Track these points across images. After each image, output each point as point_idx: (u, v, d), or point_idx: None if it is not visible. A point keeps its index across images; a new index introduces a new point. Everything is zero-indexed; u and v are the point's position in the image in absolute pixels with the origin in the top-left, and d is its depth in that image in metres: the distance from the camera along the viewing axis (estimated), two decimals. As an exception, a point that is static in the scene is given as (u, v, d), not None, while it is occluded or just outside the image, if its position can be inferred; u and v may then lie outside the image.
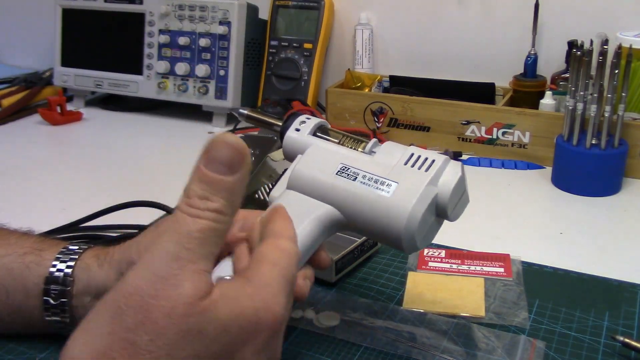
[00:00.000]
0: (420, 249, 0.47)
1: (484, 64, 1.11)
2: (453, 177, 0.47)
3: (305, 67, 1.14)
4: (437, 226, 0.49)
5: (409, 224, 0.44)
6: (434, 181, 0.46)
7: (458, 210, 0.48)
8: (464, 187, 0.48)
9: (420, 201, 0.45)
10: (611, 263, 0.66)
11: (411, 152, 0.48)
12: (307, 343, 0.53)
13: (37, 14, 1.52)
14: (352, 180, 0.47)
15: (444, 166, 0.47)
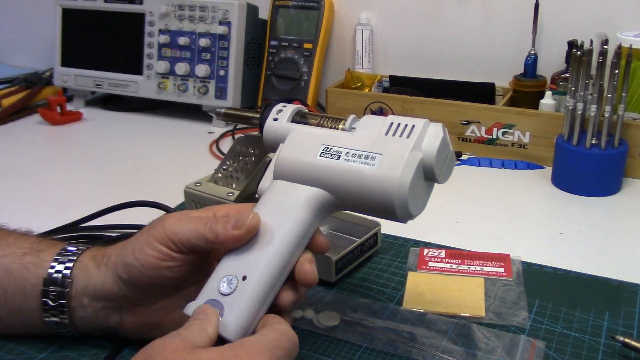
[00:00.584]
0: (417, 215, 0.48)
1: (484, 64, 1.11)
2: (435, 139, 0.46)
3: (305, 67, 1.14)
4: (428, 190, 0.49)
5: (399, 192, 0.45)
6: (417, 146, 0.46)
7: (446, 171, 0.48)
8: (448, 148, 0.48)
9: (406, 168, 0.45)
10: (611, 263, 0.66)
11: (390, 121, 0.48)
12: (307, 343, 0.53)
13: (37, 14, 1.52)
14: (336, 160, 0.47)
15: (425, 129, 0.47)
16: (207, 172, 0.74)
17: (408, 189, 0.45)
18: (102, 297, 0.49)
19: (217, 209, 0.49)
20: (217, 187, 0.71)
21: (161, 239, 0.46)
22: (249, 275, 0.45)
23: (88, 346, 0.52)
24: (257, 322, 0.45)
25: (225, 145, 1.03)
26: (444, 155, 0.47)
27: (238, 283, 0.45)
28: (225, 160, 0.74)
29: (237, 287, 0.45)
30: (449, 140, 0.48)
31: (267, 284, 0.45)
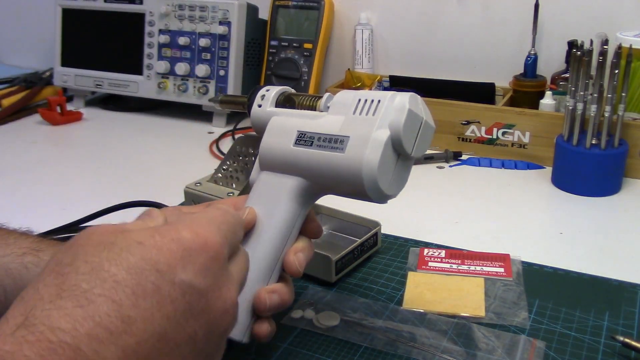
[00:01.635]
0: (394, 194, 0.46)
1: (484, 64, 1.11)
2: (401, 112, 0.44)
3: (305, 67, 1.14)
4: (405, 166, 0.46)
5: (368, 175, 0.43)
6: (383, 123, 0.44)
7: (421, 144, 0.45)
8: (419, 119, 0.45)
9: (372, 148, 0.43)
10: (611, 263, 0.66)
11: (358, 97, 0.46)
12: (307, 343, 0.53)
13: (37, 14, 1.52)
14: (309, 147, 0.46)
15: (391, 104, 0.44)
16: (207, 172, 0.74)
17: (377, 170, 0.43)
18: None
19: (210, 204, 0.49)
20: (217, 187, 0.71)
21: None
22: None
23: None
24: (254, 318, 0.45)
25: (225, 145, 1.03)
26: (413, 129, 0.45)
27: None
28: (225, 160, 0.74)
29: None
30: (419, 111, 0.45)
31: (260, 278, 0.45)
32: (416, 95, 0.45)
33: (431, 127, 0.46)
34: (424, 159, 0.95)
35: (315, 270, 0.62)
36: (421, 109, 0.45)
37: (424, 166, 0.94)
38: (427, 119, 0.45)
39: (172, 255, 0.31)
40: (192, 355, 0.31)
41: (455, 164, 0.94)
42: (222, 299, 0.33)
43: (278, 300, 0.45)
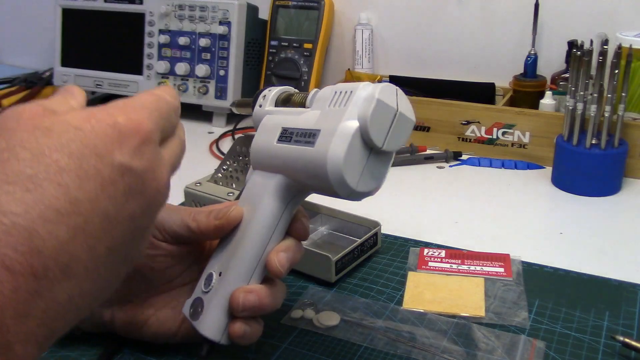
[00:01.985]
0: (368, 192, 0.43)
1: (484, 64, 1.11)
2: (369, 102, 0.41)
3: (305, 67, 1.14)
4: (380, 162, 0.43)
5: (333, 168, 0.41)
6: (351, 114, 0.41)
7: (394, 137, 0.42)
8: (391, 109, 0.42)
9: (338, 141, 0.41)
10: (611, 263, 0.66)
11: (335, 90, 0.44)
12: (307, 343, 0.53)
13: (37, 14, 1.52)
14: (287, 143, 0.45)
15: (361, 94, 0.41)
16: (207, 172, 0.74)
17: (342, 164, 0.40)
18: None
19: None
20: (217, 187, 0.71)
21: (165, 235, 0.47)
22: (223, 271, 0.46)
23: (88, 346, 0.52)
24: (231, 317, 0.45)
25: (225, 145, 1.03)
26: (384, 120, 0.41)
27: (215, 280, 0.46)
28: (225, 160, 0.74)
29: (214, 284, 0.46)
30: (392, 102, 0.42)
31: (241, 278, 0.45)
32: (391, 86, 0.42)
33: (408, 120, 0.43)
34: (424, 158, 0.95)
35: (315, 270, 0.62)
36: (395, 100, 0.42)
37: (424, 166, 0.94)
38: (402, 111, 0.42)
39: (110, 140, 0.32)
40: (131, 231, 0.33)
41: (455, 164, 0.94)
42: (156, 180, 0.34)
43: (255, 301, 0.44)
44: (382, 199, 0.83)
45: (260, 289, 0.45)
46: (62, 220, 0.29)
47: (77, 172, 0.30)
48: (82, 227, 0.30)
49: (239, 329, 0.45)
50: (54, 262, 0.29)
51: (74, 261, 0.30)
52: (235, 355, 0.51)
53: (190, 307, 0.47)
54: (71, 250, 0.30)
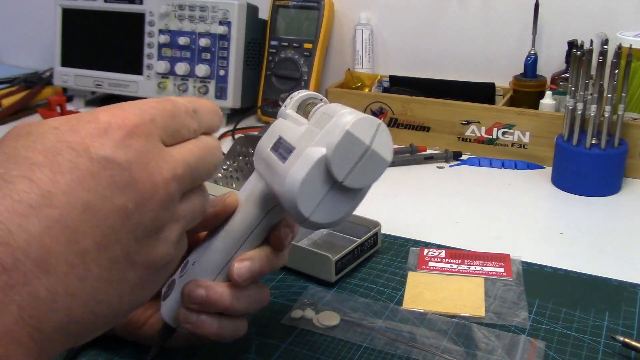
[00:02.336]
0: (325, 224, 0.40)
1: (484, 64, 1.11)
2: (339, 132, 0.38)
3: (305, 67, 1.14)
4: (343, 196, 0.40)
5: (288, 191, 0.39)
6: (321, 140, 0.39)
7: (362, 174, 0.39)
8: (362, 145, 0.39)
9: (300, 166, 0.39)
10: (611, 263, 0.66)
11: (323, 110, 0.42)
12: (307, 343, 0.53)
13: (37, 14, 1.52)
14: (275, 152, 0.44)
15: (337, 121, 0.39)
16: (207, 172, 0.74)
17: (298, 189, 0.38)
18: None
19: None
20: (217, 187, 0.71)
21: None
22: (196, 261, 0.45)
23: (88, 346, 0.52)
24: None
25: (225, 145, 1.03)
26: (350, 154, 0.39)
27: (188, 268, 0.46)
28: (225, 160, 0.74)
29: (186, 271, 0.46)
30: (366, 137, 0.39)
31: (206, 273, 0.45)
32: (373, 120, 0.39)
33: (381, 159, 0.39)
34: (424, 158, 0.95)
35: (315, 270, 0.62)
36: (372, 136, 0.39)
37: (424, 166, 0.94)
38: (376, 149, 0.39)
39: (88, 134, 0.32)
40: (127, 228, 0.32)
41: (455, 164, 0.94)
42: (149, 173, 0.33)
43: (201, 296, 0.43)
44: (382, 199, 0.83)
45: (215, 286, 0.44)
46: (33, 213, 0.29)
47: (50, 167, 0.30)
48: (57, 218, 0.29)
49: (183, 315, 0.44)
50: (25, 254, 0.28)
51: (51, 255, 0.29)
52: (235, 356, 0.51)
53: (165, 287, 0.47)
54: (46, 243, 0.29)
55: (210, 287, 0.43)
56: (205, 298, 0.43)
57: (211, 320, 0.44)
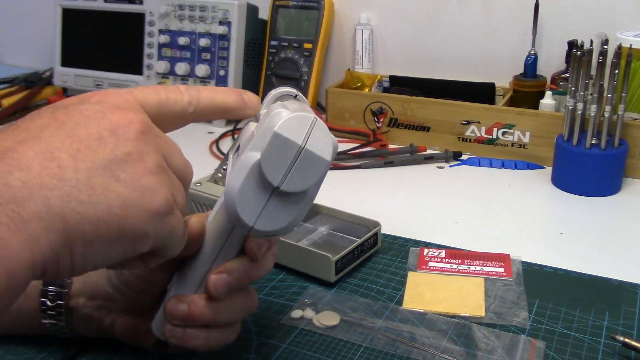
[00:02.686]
0: (275, 232, 0.39)
1: (484, 64, 1.11)
2: (268, 134, 0.36)
3: (305, 67, 1.14)
4: (288, 201, 0.38)
5: (228, 200, 0.38)
6: (256, 145, 0.37)
7: (298, 176, 0.37)
8: (293, 146, 0.37)
9: (236, 173, 0.37)
10: (611, 263, 0.66)
11: (271, 109, 0.40)
12: (307, 343, 0.53)
13: (37, 14, 1.52)
14: (232, 158, 0.43)
15: (269, 122, 0.37)
16: (207, 172, 0.74)
17: (236, 199, 0.37)
18: (97, 297, 0.49)
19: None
20: (217, 187, 0.71)
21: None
22: (179, 273, 0.45)
23: (88, 346, 0.52)
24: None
25: (225, 145, 1.03)
26: (281, 157, 0.37)
27: (173, 282, 0.46)
28: (225, 160, 0.74)
29: (171, 286, 0.46)
30: (297, 137, 0.37)
31: (187, 286, 0.44)
32: (306, 117, 0.37)
33: (318, 159, 0.37)
34: (424, 158, 0.95)
35: (315, 270, 0.62)
36: (305, 135, 0.37)
37: (424, 166, 0.94)
38: (311, 148, 0.37)
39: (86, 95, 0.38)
40: (104, 149, 0.34)
41: (455, 164, 0.94)
42: (115, 104, 0.37)
43: (182, 312, 0.43)
44: (382, 199, 0.83)
45: (196, 300, 0.43)
46: (9, 133, 0.34)
47: (25, 121, 0.35)
48: (34, 135, 0.34)
49: (169, 330, 0.44)
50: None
51: (22, 158, 0.32)
52: (235, 356, 0.51)
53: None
54: (19, 150, 0.33)
55: (192, 302, 0.43)
56: (188, 313, 0.43)
57: (197, 333, 0.44)
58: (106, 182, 0.33)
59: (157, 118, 0.40)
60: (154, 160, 0.36)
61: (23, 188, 0.31)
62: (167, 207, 0.36)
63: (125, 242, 0.34)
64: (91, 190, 0.33)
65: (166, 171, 0.37)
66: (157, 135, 0.38)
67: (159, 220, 0.35)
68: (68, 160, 0.33)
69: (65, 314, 0.49)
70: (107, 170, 0.34)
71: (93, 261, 0.34)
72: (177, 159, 0.39)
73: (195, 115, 0.43)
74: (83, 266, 0.34)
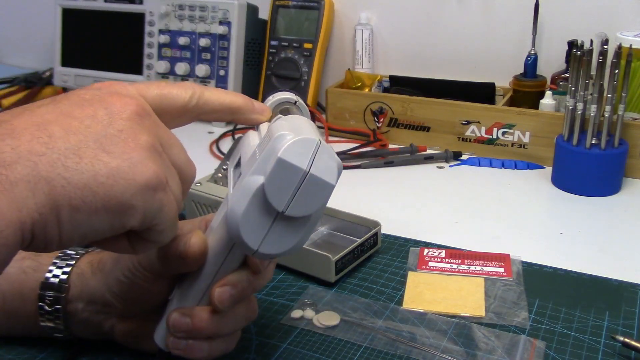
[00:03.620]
0: (280, 254, 0.39)
1: (484, 64, 1.11)
2: (272, 159, 0.36)
3: (305, 67, 1.14)
4: (291, 225, 0.38)
5: (231, 224, 0.38)
6: (259, 168, 0.37)
7: (303, 201, 0.37)
8: (297, 171, 0.36)
9: (239, 197, 0.37)
10: (611, 263, 0.66)
11: (272, 127, 0.39)
12: (307, 343, 0.53)
13: (37, 14, 1.52)
14: (233, 172, 0.43)
15: (273, 145, 0.36)
16: (207, 172, 0.74)
17: (239, 223, 0.37)
18: (95, 302, 0.49)
19: (208, 219, 0.49)
20: (217, 187, 0.71)
21: (147, 264, 0.45)
22: (179, 286, 0.45)
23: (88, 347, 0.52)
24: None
25: (225, 145, 1.03)
26: (286, 182, 0.36)
27: (174, 294, 0.46)
28: (225, 160, 0.74)
29: (173, 297, 0.46)
30: (302, 161, 0.36)
31: (189, 298, 0.44)
32: (310, 141, 0.36)
33: (323, 184, 0.36)
34: (424, 158, 0.95)
35: (315, 270, 0.62)
36: (309, 159, 0.36)
37: (424, 166, 0.94)
38: (316, 173, 0.36)
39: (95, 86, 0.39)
40: (97, 125, 0.35)
41: (455, 164, 0.94)
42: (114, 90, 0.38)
43: (186, 325, 0.43)
44: (382, 199, 0.83)
45: (199, 313, 0.43)
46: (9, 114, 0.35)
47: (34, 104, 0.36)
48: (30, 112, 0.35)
49: (172, 343, 0.44)
50: None
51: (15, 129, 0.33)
52: (235, 356, 0.51)
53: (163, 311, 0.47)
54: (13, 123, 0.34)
55: (195, 315, 0.43)
56: (192, 326, 0.43)
57: (200, 344, 0.44)
58: (95, 153, 0.34)
59: (159, 110, 0.40)
60: (147, 139, 0.36)
61: (12, 153, 0.32)
62: (157, 182, 0.35)
63: (112, 213, 0.34)
64: (78, 159, 0.33)
65: (160, 154, 0.37)
66: (156, 123, 0.38)
67: (148, 194, 0.35)
68: (59, 132, 0.34)
69: (64, 317, 0.49)
70: (97, 143, 0.34)
71: (80, 230, 0.34)
72: (178, 153, 0.39)
73: (198, 110, 0.43)
74: (70, 235, 0.34)
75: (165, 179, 0.36)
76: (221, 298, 0.43)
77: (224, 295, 0.43)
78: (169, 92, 0.41)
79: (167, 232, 0.38)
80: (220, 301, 0.43)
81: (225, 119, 0.45)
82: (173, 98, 0.41)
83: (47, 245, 0.34)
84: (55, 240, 0.34)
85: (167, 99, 0.41)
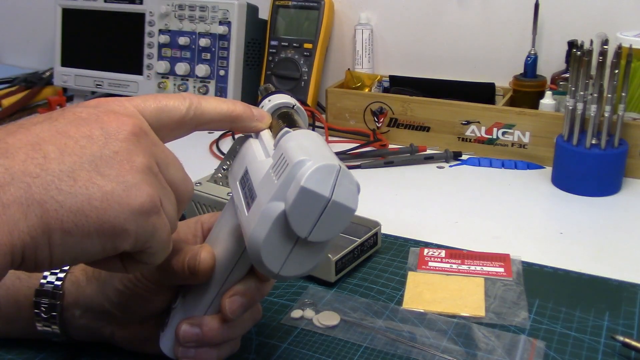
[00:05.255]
0: (299, 276, 0.40)
1: (484, 64, 1.11)
2: (294, 187, 0.36)
3: (305, 67, 1.14)
4: (310, 249, 0.38)
5: (252, 250, 0.38)
6: (279, 194, 0.37)
7: (325, 227, 0.37)
8: (321, 199, 0.36)
9: (260, 223, 0.37)
10: (611, 263, 0.66)
11: (281, 152, 0.39)
12: (307, 343, 0.53)
13: (37, 14, 1.52)
14: (241, 188, 0.43)
15: (295, 171, 0.36)
16: (207, 172, 0.74)
17: (261, 249, 0.37)
18: (93, 310, 0.48)
19: (203, 220, 0.49)
20: (217, 187, 0.71)
21: (149, 275, 0.45)
22: (186, 294, 0.45)
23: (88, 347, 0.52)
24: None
25: (225, 145, 1.03)
26: (309, 210, 0.36)
27: (179, 300, 0.46)
28: (225, 160, 0.74)
29: (177, 304, 0.46)
30: (324, 189, 0.36)
31: (197, 307, 0.44)
32: (331, 167, 0.36)
33: (345, 209, 0.37)
34: (424, 158, 0.95)
35: (315, 270, 0.62)
36: (331, 185, 0.36)
37: (424, 166, 0.94)
38: (338, 199, 0.36)
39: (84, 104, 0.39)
40: (93, 147, 0.35)
41: (455, 164, 0.94)
42: (111, 108, 0.38)
43: (196, 335, 0.43)
44: (382, 199, 0.83)
45: (209, 322, 0.44)
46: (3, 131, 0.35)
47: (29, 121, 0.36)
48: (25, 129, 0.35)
49: (182, 352, 0.44)
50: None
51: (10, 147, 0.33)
52: (235, 356, 0.51)
53: (166, 318, 0.47)
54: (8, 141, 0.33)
55: (204, 325, 0.44)
56: (202, 336, 0.44)
57: (209, 351, 0.45)
58: (89, 176, 0.33)
59: (158, 125, 0.40)
60: (143, 161, 0.36)
61: (5, 174, 0.32)
62: (151, 206, 0.35)
63: (105, 237, 0.34)
64: (72, 182, 0.33)
65: (156, 175, 0.37)
66: (153, 143, 0.38)
67: (141, 218, 0.35)
68: (54, 152, 0.33)
69: (61, 324, 0.49)
70: (92, 165, 0.34)
71: (72, 253, 0.34)
72: (174, 171, 0.39)
73: (196, 121, 0.43)
74: (61, 258, 0.33)
75: (159, 202, 0.36)
76: (232, 308, 0.43)
77: (235, 304, 0.43)
78: (165, 104, 0.41)
79: (160, 254, 0.38)
80: (232, 311, 0.43)
81: (224, 127, 0.45)
82: (170, 111, 0.41)
83: (38, 267, 0.33)
84: (46, 263, 0.33)
85: (164, 112, 0.41)
